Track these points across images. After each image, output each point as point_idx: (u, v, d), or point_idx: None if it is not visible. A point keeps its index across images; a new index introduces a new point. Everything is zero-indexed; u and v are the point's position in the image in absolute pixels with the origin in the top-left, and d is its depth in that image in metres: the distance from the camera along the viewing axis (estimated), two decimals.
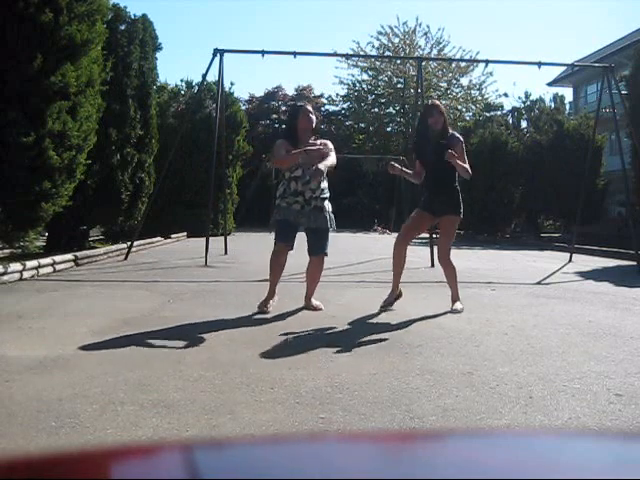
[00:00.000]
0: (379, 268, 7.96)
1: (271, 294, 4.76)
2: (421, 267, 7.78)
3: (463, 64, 29.87)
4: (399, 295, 4.87)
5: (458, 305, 4.80)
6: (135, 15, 10.65)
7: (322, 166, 4.39)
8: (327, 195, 4.76)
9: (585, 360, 3.28)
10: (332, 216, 4.75)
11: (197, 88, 14.82)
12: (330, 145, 4.76)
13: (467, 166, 4.70)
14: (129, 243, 9.31)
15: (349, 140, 30.97)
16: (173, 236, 13.90)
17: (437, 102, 5.11)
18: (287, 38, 58.04)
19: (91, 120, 7.40)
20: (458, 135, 4.90)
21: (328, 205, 4.74)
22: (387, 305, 4.77)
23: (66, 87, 6.59)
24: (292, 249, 4.72)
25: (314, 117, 4.80)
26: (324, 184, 4.71)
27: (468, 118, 27.45)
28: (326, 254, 4.75)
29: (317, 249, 4.69)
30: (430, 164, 4.83)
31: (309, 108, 4.85)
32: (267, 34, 56.66)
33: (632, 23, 55.17)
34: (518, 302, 5.38)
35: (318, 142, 4.73)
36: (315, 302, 4.81)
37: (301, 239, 4.81)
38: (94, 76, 7.34)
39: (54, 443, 2.03)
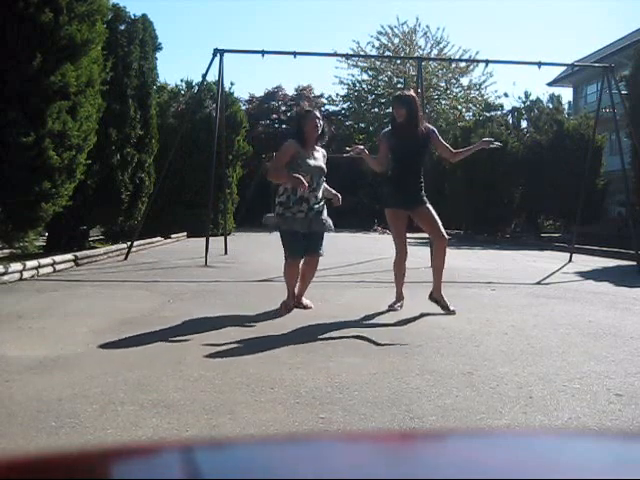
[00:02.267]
0: (379, 268, 7.96)
1: (291, 296, 4.84)
2: (421, 267, 7.77)
3: (463, 64, 29.87)
4: (400, 302, 4.87)
5: (446, 300, 4.72)
6: (135, 15, 10.66)
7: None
8: (324, 199, 4.87)
9: (585, 360, 3.28)
10: (329, 219, 4.82)
11: (197, 88, 14.81)
12: (325, 156, 4.94)
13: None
14: (129, 243, 9.31)
15: (349, 140, 30.93)
16: (173, 236, 13.90)
17: (405, 93, 4.94)
18: (287, 38, 58.06)
19: (91, 120, 7.39)
20: (431, 126, 4.91)
21: (325, 208, 4.83)
22: (393, 307, 4.79)
23: (66, 87, 6.59)
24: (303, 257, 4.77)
25: (320, 124, 4.78)
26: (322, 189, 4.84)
27: (468, 118, 27.44)
28: (322, 254, 4.82)
29: (314, 249, 4.75)
30: (403, 156, 4.76)
31: (317, 114, 4.86)
32: (267, 34, 56.66)
33: (632, 23, 55.14)
34: (518, 302, 5.38)
35: (321, 151, 4.88)
36: (305, 301, 4.86)
37: None
38: (94, 76, 7.34)
39: (54, 443, 2.03)
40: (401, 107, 4.71)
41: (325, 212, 4.80)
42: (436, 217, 4.79)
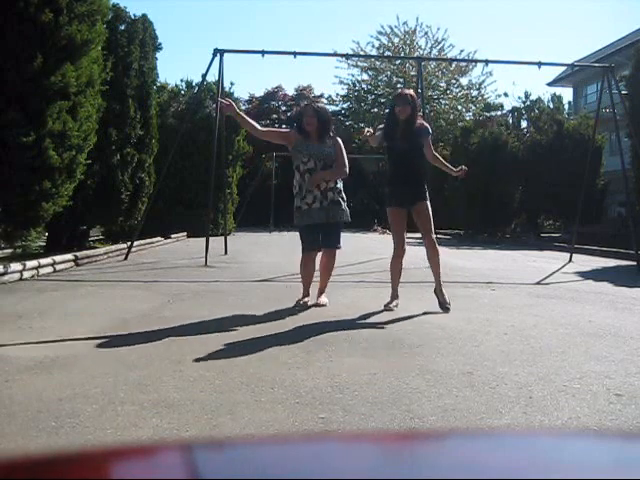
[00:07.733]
0: (379, 268, 7.95)
1: (305, 294, 4.94)
2: (421, 267, 7.76)
3: (463, 64, 29.87)
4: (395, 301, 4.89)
5: (446, 298, 4.75)
6: (135, 15, 10.65)
7: (323, 175, 4.74)
8: (341, 187, 4.89)
9: (585, 360, 3.28)
10: (347, 209, 4.90)
11: (197, 88, 14.82)
12: (340, 143, 4.93)
13: (443, 160, 4.97)
14: (129, 243, 9.31)
15: (349, 140, 30.96)
16: (173, 236, 13.90)
17: (407, 91, 4.99)
18: (287, 38, 58.06)
19: (91, 120, 7.39)
20: (427, 125, 4.93)
21: (344, 197, 4.89)
22: (389, 307, 4.79)
23: (66, 87, 6.59)
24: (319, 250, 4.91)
25: (314, 119, 4.79)
26: (339, 183, 4.88)
27: (468, 118, 27.44)
28: (339, 247, 4.90)
29: (332, 242, 4.85)
30: (400, 154, 4.79)
31: (310, 109, 4.87)
32: (267, 34, 56.65)
33: (632, 23, 55.08)
34: (518, 302, 5.37)
35: (332, 142, 4.90)
36: (322, 299, 4.91)
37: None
38: (94, 76, 7.33)
39: (54, 443, 2.03)
40: (406, 105, 4.75)
41: (344, 204, 4.86)
42: (430, 216, 4.84)
